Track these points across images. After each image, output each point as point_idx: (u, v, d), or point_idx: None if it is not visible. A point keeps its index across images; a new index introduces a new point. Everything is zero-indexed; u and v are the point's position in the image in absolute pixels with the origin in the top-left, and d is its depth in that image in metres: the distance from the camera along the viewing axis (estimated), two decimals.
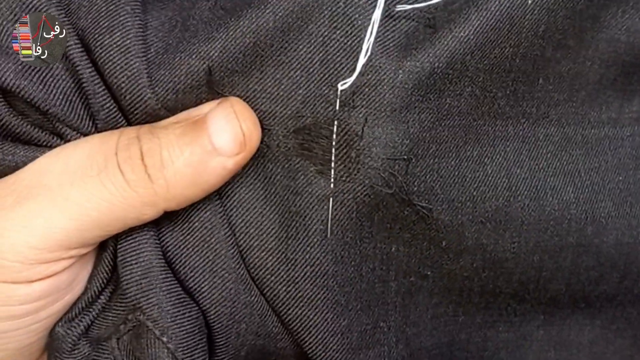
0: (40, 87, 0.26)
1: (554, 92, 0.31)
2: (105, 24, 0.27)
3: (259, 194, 0.29)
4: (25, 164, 0.27)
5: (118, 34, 0.27)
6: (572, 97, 0.32)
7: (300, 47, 0.27)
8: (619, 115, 0.33)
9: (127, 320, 0.28)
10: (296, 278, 0.29)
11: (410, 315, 0.32)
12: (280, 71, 0.28)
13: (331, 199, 0.28)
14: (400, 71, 0.27)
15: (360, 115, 0.27)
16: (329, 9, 0.27)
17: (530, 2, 0.28)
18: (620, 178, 0.33)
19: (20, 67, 0.26)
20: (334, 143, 0.28)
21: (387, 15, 0.28)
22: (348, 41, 0.27)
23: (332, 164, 0.28)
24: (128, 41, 0.26)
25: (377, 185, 0.28)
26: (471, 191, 0.30)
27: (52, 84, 0.27)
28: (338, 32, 0.27)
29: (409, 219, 0.29)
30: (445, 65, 0.27)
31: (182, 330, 0.28)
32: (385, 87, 0.27)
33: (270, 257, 0.29)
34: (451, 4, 0.28)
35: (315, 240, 0.29)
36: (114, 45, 0.26)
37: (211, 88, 0.27)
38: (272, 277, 0.29)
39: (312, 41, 0.27)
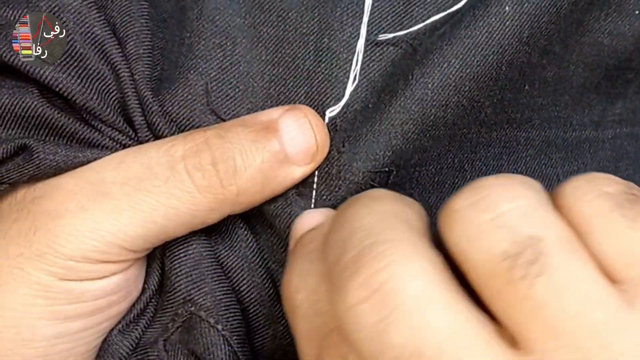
0: (78, 81, 0.27)
1: (538, 97, 0.32)
2: (120, 35, 0.28)
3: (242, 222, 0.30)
4: (66, 164, 0.27)
5: (131, 44, 0.28)
6: (556, 101, 0.32)
7: (288, 81, 0.29)
8: (601, 118, 0.34)
9: (176, 315, 0.28)
10: (279, 314, 0.29)
11: None
12: (268, 103, 0.29)
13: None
14: (382, 94, 0.28)
15: (344, 136, 0.28)
16: (314, 44, 0.29)
17: (508, 9, 0.28)
18: None
19: (58, 60, 0.27)
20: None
21: (373, 42, 0.29)
22: (333, 72, 0.29)
23: (315, 185, 0.28)
24: (141, 50, 0.28)
25: None
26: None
27: (90, 79, 0.27)
28: (323, 65, 0.29)
29: None
30: (421, 75, 0.28)
31: (235, 320, 0.28)
32: (368, 107, 0.28)
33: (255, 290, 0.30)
34: (438, 29, 0.29)
35: None
36: (127, 55, 0.28)
37: (208, 107, 0.28)
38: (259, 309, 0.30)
39: (298, 75, 0.29)
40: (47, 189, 0.26)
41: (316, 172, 0.28)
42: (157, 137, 0.28)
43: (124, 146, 0.28)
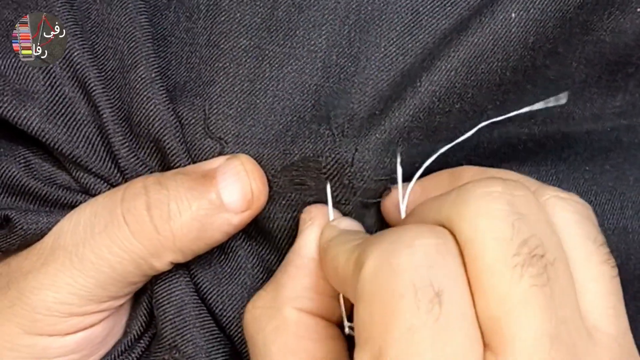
0: (64, 130, 0.28)
1: (541, 95, 0.31)
2: (129, 61, 0.28)
3: (259, 238, 0.31)
4: (49, 229, 0.28)
5: (142, 68, 0.28)
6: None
7: (294, 95, 0.29)
8: (601, 112, 0.34)
9: None
10: None
11: None
12: (272, 117, 0.29)
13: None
14: (390, 101, 0.28)
15: (352, 144, 0.28)
16: (322, 61, 0.29)
17: (514, 15, 0.28)
18: (587, 168, 0.34)
19: (45, 111, 0.28)
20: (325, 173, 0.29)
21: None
22: (341, 86, 0.29)
23: (329, 195, 0.29)
24: (153, 74, 0.28)
25: (371, 201, 0.29)
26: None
27: (75, 127, 0.28)
28: (331, 80, 0.29)
29: None
30: (429, 83, 0.28)
31: None
32: (375, 114, 0.28)
33: None
34: (446, 37, 0.29)
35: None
36: (139, 79, 0.28)
37: (207, 130, 0.29)
38: None
39: (306, 90, 0.29)
40: (27, 250, 0.28)
41: (329, 184, 0.29)
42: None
43: None
